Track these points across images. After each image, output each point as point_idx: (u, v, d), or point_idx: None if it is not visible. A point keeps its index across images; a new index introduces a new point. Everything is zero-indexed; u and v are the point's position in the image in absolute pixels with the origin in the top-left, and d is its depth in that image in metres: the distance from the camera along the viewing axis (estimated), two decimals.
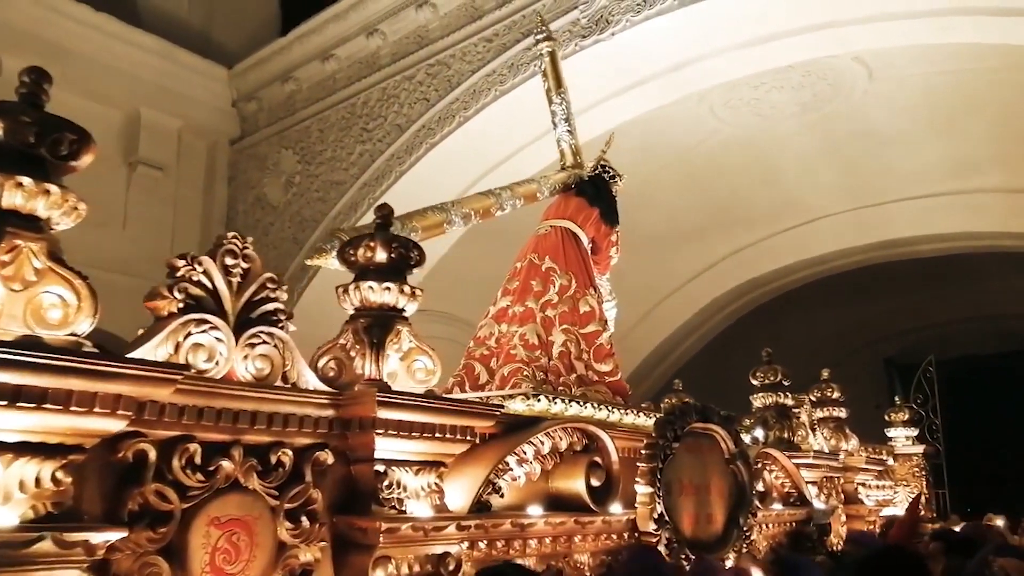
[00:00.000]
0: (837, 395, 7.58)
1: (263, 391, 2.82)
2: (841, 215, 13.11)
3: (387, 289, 3.30)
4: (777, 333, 14.26)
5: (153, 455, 2.52)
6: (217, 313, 2.77)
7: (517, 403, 4.14)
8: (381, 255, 3.34)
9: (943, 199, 12.38)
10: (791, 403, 6.60)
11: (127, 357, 2.38)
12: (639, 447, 4.59)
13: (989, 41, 8.21)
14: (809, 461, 6.41)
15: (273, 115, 11.69)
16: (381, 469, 3.13)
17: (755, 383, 6.68)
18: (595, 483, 4.19)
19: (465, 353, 5.39)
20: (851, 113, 10.67)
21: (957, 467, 14.35)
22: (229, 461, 2.70)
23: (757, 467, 5.61)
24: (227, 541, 2.67)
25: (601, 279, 5.98)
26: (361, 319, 3.31)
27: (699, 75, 9.04)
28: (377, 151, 10.27)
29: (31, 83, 2.37)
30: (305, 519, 2.91)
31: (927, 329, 17.96)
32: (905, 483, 9.56)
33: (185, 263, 2.74)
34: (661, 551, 4.34)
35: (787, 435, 6.42)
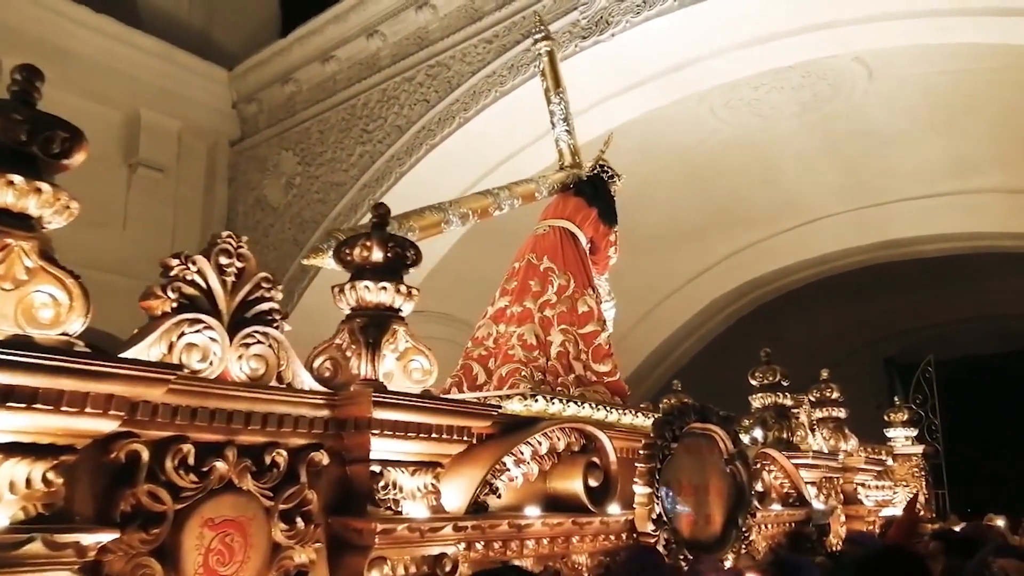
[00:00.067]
0: (836, 395, 7.56)
1: (257, 391, 2.80)
2: (841, 215, 13.09)
3: (383, 289, 3.28)
4: (777, 333, 14.24)
5: (146, 456, 2.50)
6: (211, 313, 2.75)
7: (514, 403, 4.12)
8: (377, 255, 3.32)
9: (943, 199, 12.37)
10: (790, 403, 6.59)
11: (119, 357, 2.36)
12: (637, 447, 4.57)
13: (989, 41, 8.20)
14: (808, 461, 6.40)
15: (273, 116, 11.69)
16: (377, 470, 3.11)
17: (754, 383, 6.66)
18: (593, 484, 4.17)
19: (463, 353, 5.37)
20: (851, 113, 10.65)
21: (956, 467, 14.35)
22: (223, 462, 2.68)
23: (756, 467, 5.60)
24: (221, 542, 2.65)
25: (600, 279, 5.96)
26: (357, 319, 3.29)
27: (699, 75, 9.03)
28: (377, 152, 10.27)
29: (23, 81, 2.34)
30: (300, 520, 2.89)
31: (927, 329, 17.94)
32: (904, 483, 9.54)
33: (179, 262, 2.72)
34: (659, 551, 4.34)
35: (786, 435, 6.40)
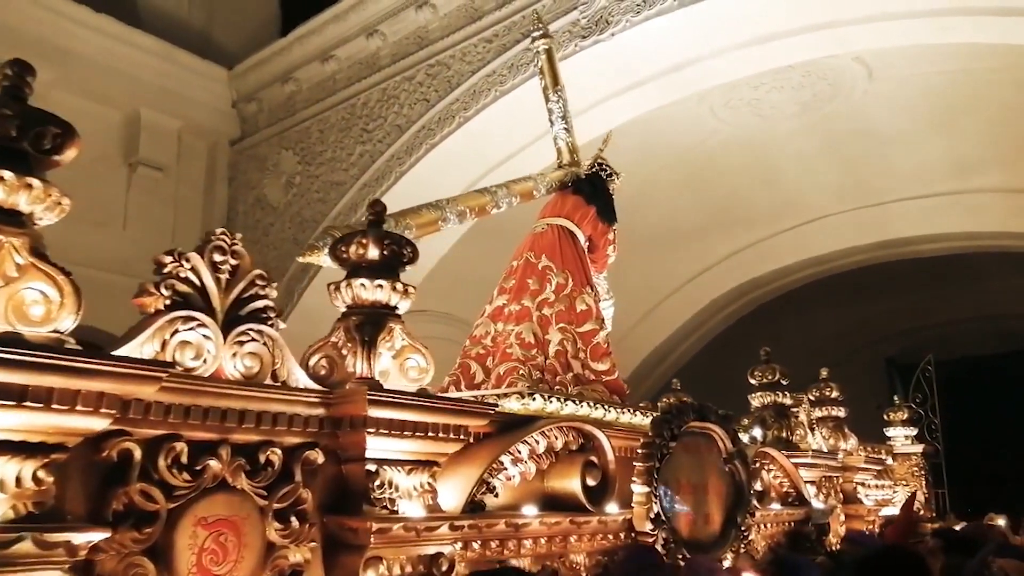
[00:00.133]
0: (836, 394, 7.53)
1: (251, 389, 2.77)
2: (841, 215, 13.09)
3: (379, 287, 3.25)
4: (777, 333, 14.21)
5: (138, 454, 2.47)
6: (205, 310, 2.72)
7: (512, 402, 4.11)
8: (373, 252, 3.28)
9: (943, 199, 12.37)
10: (789, 402, 6.57)
11: (110, 354, 2.34)
12: (636, 446, 4.55)
13: (989, 41, 8.20)
14: (808, 460, 6.37)
15: (273, 116, 11.69)
16: (372, 468, 3.08)
17: (753, 382, 6.64)
18: (591, 483, 4.14)
19: (461, 352, 5.35)
20: (851, 113, 10.65)
21: (956, 467, 14.32)
22: (216, 460, 2.65)
23: (755, 467, 5.57)
24: (214, 541, 2.62)
25: (598, 278, 5.95)
26: (353, 317, 3.26)
27: (699, 75, 9.03)
28: (377, 152, 10.27)
29: (14, 76, 2.31)
30: (295, 519, 2.86)
31: (927, 329, 17.94)
32: (904, 483, 9.50)
33: (172, 259, 2.69)
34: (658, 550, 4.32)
35: (785, 434, 6.37)
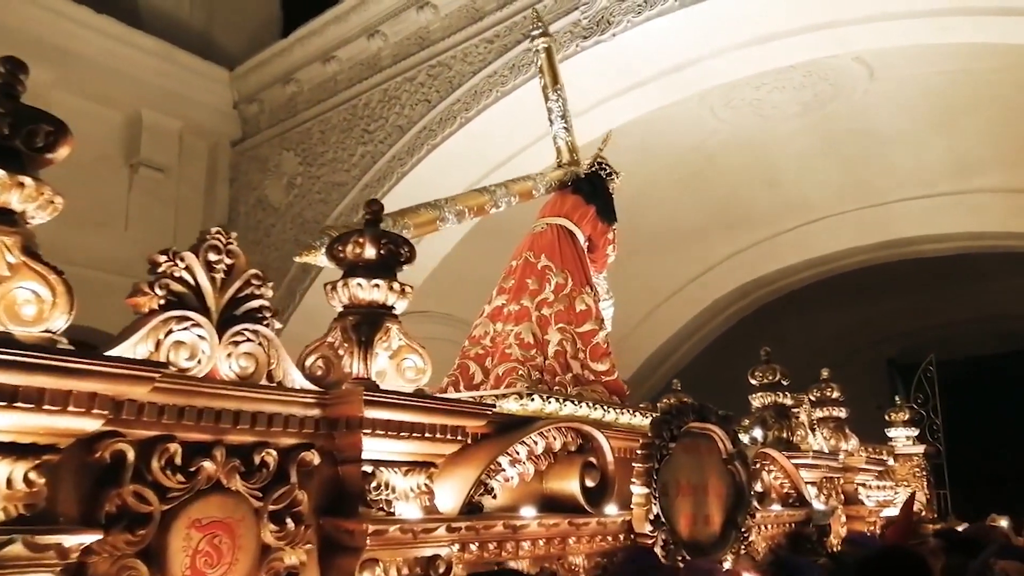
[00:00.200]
0: (837, 395, 7.50)
1: (246, 390, 2.74)
2: (842, 215, 13.08)
3: (376, 286, 3.23)
4: (779, 334, 14.21)
5: (131, 455, 2.44)
6: (199, 310, 2.69)
7: (510, 402, 4.09)
8: (370, 251, 3.26)
9: (944, 199, 12.36)
10: (790, 403, 6.55)
11: (101, 355, 2.31)
12: (635, 447, 4.52)
13: (989, 41, 8.18)
14: (808, 461, 6.34)
15: (274, 117, 11.70)
16: (369, 470, 3.05)
17: (753, 382, 6.62)
18: (590, 484, 4.11)
19: (460, 352, 5.32)
20: (852, 113, 10.64)
21: (958, 468, 14.27)
22: (211, 462, 2.62)
23: (755, 467, 5.55)
24: (208, 544, 2.60)
25: (598, 277, 5.93)
26: (349, 317, 3.24)
27: (700, 75, 9.02)
28: (378, 152, 10.27)
29: (6, 73, 2.28)
30: (290, 521, 2.83)
31: (929, 329, 17.90)
32: (906, 483, 9.47)
33: (166, 259, 2.66)
34: (657, 552, 4.29)
35: (786, 435, 6.34)
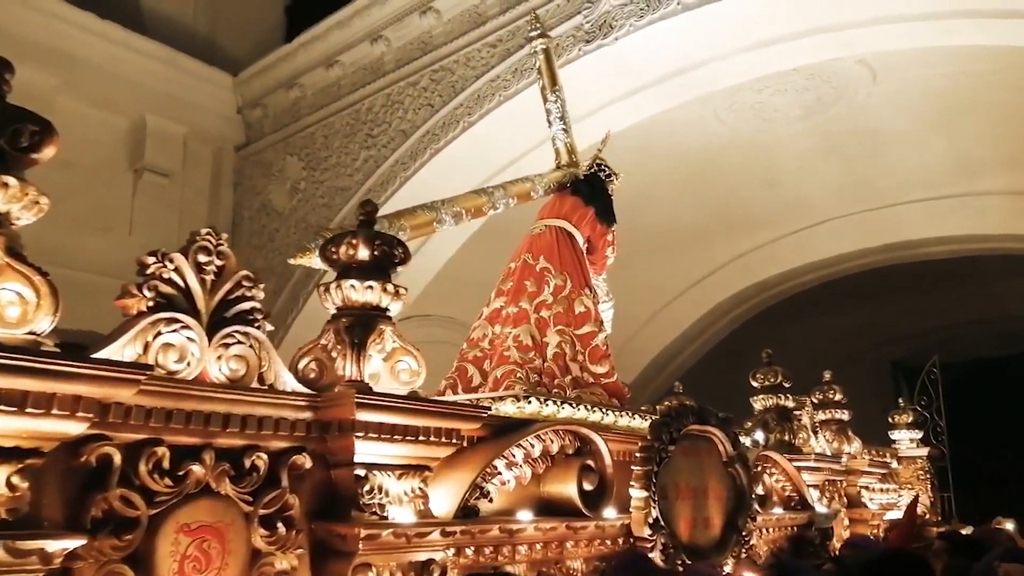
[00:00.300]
0: (839, 397, 7.46)
1: (235, 392, 2.71)
2: (846, 218, 13.00)
3: (369, 288, 3.21)
4: (783, 336, 14.16)
5: (118, 459, 2.42)
6: (189, 312, 2.67)
7: (507, 405, 4.04)
8: (364, 253, 3.24)
9: (948, 201, 12.28)
10: (792, 405, 6.51)
11: (86, 357, 2.28)
12: (634, 450, 4.48)
13: (992, 43, 8.12)
14: (810, 464, 6.30)
15: (278, 122, 11.67)
16: (362, 473, 3.03)
17: (755, 385, 6.59)
18: (588, 487, 4.08)
19: (458, 355, 5.28)
20: (855, 116, 10.57)
21: (962, 470, 14.16)
22: (200, 465, 2.60)
23: (757, 470, 5.52)
24: (197, 548, 2.57)
25: (597, 279, 5.89)
26: (343, 319, 3.21)
27: (702, 79, 8.97)
28: (382, 157, 10.25)
29: None
30: (281, 525, 2.80)
31: (933, 331, 17.79)
32: (910, 486, 9.39)
33: (155, 260, 2.65)
34: (654, 557, 4.25)
35: (788, 438, 6.31)
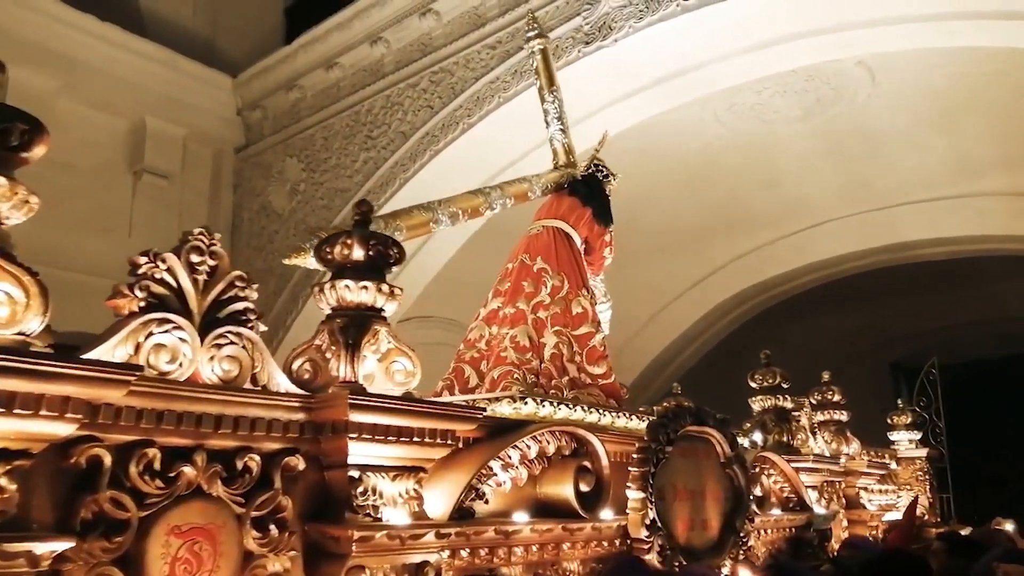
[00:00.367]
0: (838, 398, 7.44)
1: (227, 393, 2.69)
2: (845, 219, 13.01)
3: (364, 288, 3.19)
4: (782, 337, 14.16)
5: (108, 460, 2.40)
6: (181, 312, 2.65)
7: (504, 406, 4.02)
8: (358, 253, 3.22)
9: (948, 202, 12.28)
10: (790, 406, 6.49)
11: (75, 357, 2.26)
12: (631, 451, 4.46)
13: (993, 45, 8.11)
14: (809, 465, 6.28)
15: (278, 123, 11.67)
16: (355, 475, 3.01)
17: (753, 386, 6.58)
18: (584, 488, 4.05)
19: (455, 356, 5.27)
20: (855, 117, 10.56)
21: (961, 471, 14.15)
22: (191, 467, 2.58)
23: (755, 471, 5.50)
24: (188, 550, 2.55)
25: (595, 280, 5.87)
26: (337, 319, 3.19)
27: (702, 80, 8.97)
28: (381, 158, 10.25)
29: None
30: (274, 527, 2.78)
31: (932, 333, 17.80)
32: (908, 487, 9.36)
33: (147, 260, 2.62)
34: (650, 560, 4.23)
35: (786, 439, 6.30)
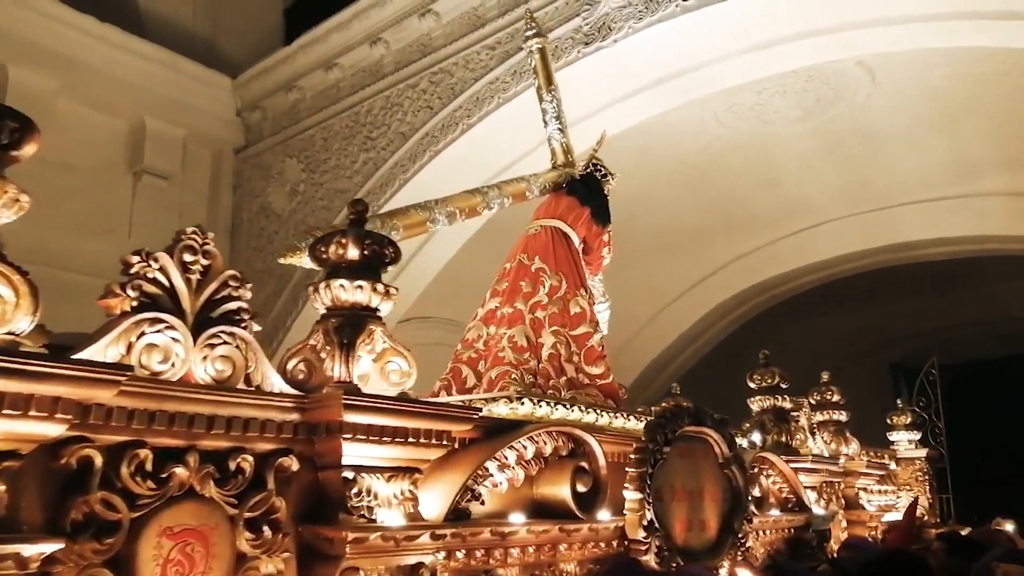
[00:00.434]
0: (837, 398, 7.42)
1: (220, 394, 2.66)
2: (845, 219, 13.02)
3: (359, 287, 3.17)
4: (782, 338, 14.15)
5: (99, 461, 2.37)
6: (174, 312, 2.63)
7: (500, 406, 4.01)
8: (353, 252, 3.19)
9: (948, 203, 12.29)
10: (789, 406, 6.48)
11: (65, 357, 2.24)
12: (629, 451, 4.44)
13: (992, 45, 8.10)
14: (808, 465, 6.26)
15: (277, 124, 11.68)
16: (350, 476, 2.98)
17: (752, 386, 6.56)
18: (581, 489, 4.03)
19: (452, 356, 5.26)
20: (855, 117, 10.56)
21: (961, 471, 14.12)
22: (183, 468, 2.55)
23: (753, 472, 5.48)
24: (180, 552, 2.52)
25: (593, 280, 5.85)
26: (332, 319, 3.17)
27: (702, 81, 8.96)
28: (381, 159, 10.25)
29: None
30: (267, 528, 2.76)
31: (932, 333, 17.79)
32: (908, 488, 9.34)
33: (140, 259, 2.62)
34: (647, 561, 4.21)
35: (785, 439, 6.28)
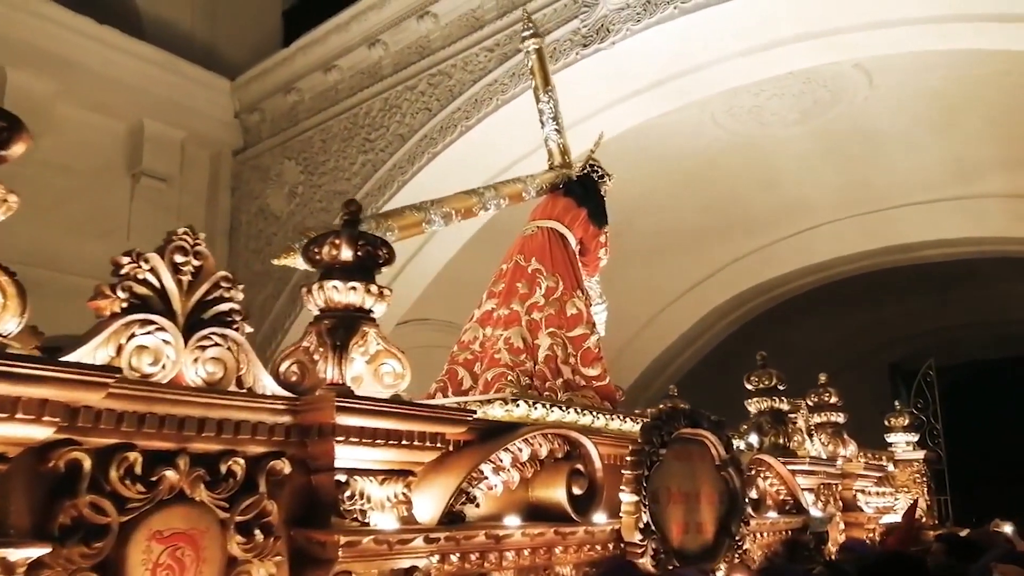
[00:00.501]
0: (835, 400, 7.40)
1: (211, 396, 2.63)
2: (843, 221, 13.02)
3: (352, 289, 3.14)
4: (781, 339, 14.14)
5: (88, 464, 2.35)
6: (164, 313, 2.60)
7: (496, 408, 3.99)
8: (347, 253, 3.18)
9: (946, 204, 12.28)
10: (787, 408, 6.46)
11: (53, 359, 2.21)
12: (625, 454, 4.41)
13: (990, 47, 8.09)
14: (805, 467, 6.25)
15: (276, 126, 11.67)
16: (343, 479, 2.96)
17: (750, 388, 6.54)
18: (577, 492, 4.01)
19: (449, 358, 5.24)
20: (852, 119, 10.56)
21: (959, 473, 14.10)
22: (173, 471, 2.53)
23: (750, 474, 5.46)
24: (170, 556, 2.49)
25: (590, 281, 5.84)
26: (325, 320, 3.15)
27: (700, 83, 8.96)
28: (379, 161, 10.24)
29: None
30: (258, 532, 2.73)
31: (930, 334, 17.76)
32: (906, 489, 9.31)
33: (130, 260, 2.59)
34: (644, 564, 4.19)
35: (783, 441, 6.26)
